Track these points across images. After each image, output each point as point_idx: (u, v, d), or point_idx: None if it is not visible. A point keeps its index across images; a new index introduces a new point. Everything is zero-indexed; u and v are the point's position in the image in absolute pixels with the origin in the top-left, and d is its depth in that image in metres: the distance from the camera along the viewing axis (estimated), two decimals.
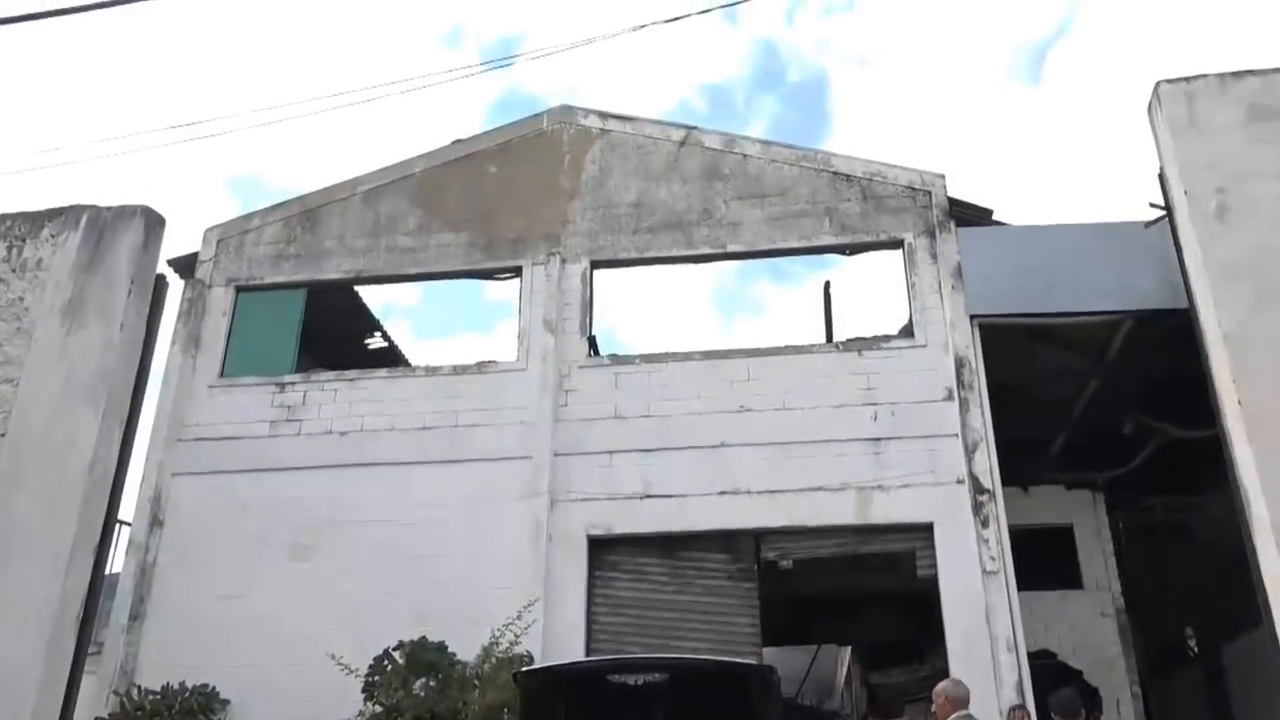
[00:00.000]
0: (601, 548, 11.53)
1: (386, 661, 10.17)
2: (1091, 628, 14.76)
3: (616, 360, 12.57)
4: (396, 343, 15.87)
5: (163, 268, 8.05)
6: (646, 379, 12.14)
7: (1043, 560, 14.15)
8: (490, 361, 12.70)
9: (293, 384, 12.70)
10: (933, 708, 7.30)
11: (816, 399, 11.71)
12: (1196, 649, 17.51)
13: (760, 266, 17.42)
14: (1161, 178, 7.56)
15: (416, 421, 12.21)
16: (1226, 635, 14.89)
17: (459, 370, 12.63)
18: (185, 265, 13.60)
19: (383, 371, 13.28)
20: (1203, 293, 6.37)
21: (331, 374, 12.95)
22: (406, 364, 15.08)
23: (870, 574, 12.30)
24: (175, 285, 13.02)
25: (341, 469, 12.02)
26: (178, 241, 21.66)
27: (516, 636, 10.17)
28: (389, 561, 11.45)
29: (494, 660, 9.97)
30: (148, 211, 7.48)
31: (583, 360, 12.40)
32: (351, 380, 12.74)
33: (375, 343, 15.76)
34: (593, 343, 12.79)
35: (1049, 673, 12.67)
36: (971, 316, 11.77)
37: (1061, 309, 11.83)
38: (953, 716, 6.94)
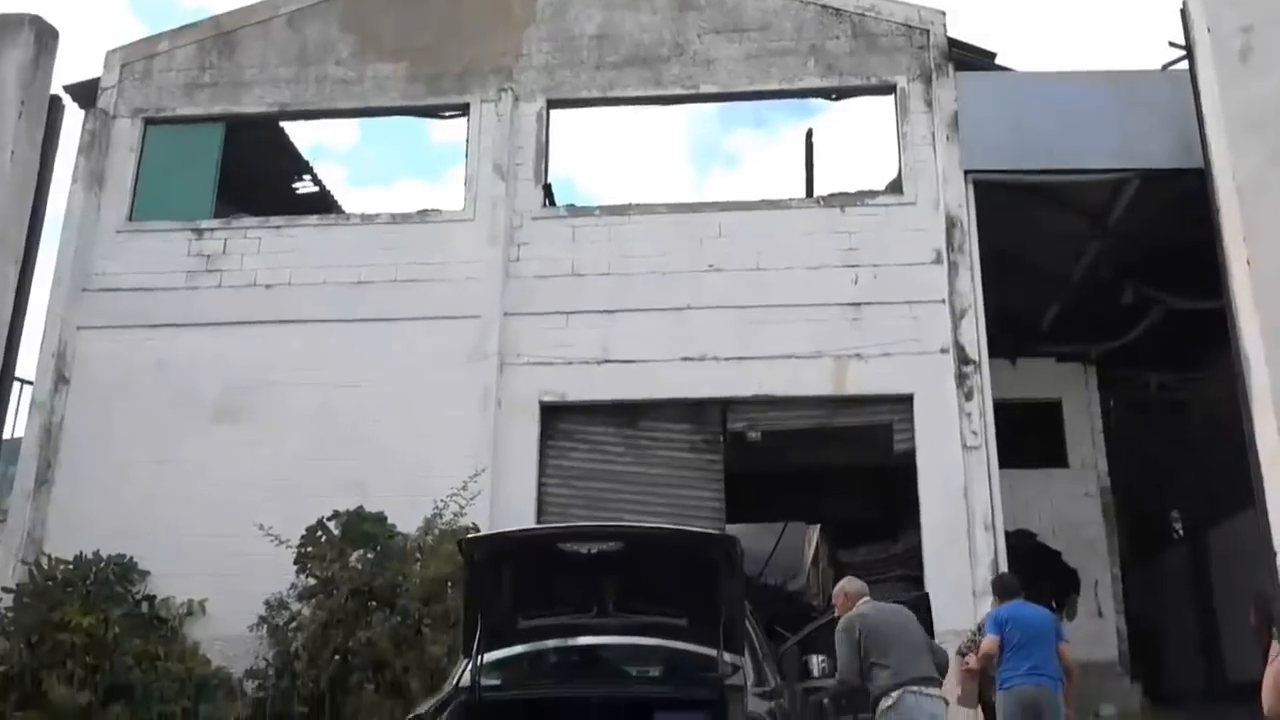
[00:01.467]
0: (554, 415, 11.63)
1: (320, 532, 10.32)
2: (1074, 508, 15.22)
3: (574, 212, 12.44)
4: (329, 188, 15.58)
5: (58, 92, 7.74)
6: (607, 233, 12.03)
7: (1027, 436, 14.48)
8: (433, 210, 12.51)
9: (211, 230, 12.46)
10: (835, 612, 7.50)
11: (793, 259, 11.69)
12: (1182, 532, 18.21)
13: (740, 112, 17.15)
14: (1184, 14, 7.45)
15: (351, 275, 12.07)
16: (1215, 518, 15.45)
17: (398, 219, 12.44)
18: (85, 93, 13.09)
19: (313, 219, 13.08)
20: (1218, 140, 6.33)
21: (255, 220, 12.75)
22: (340, 211, 14.83)
23: (844, 447, 12.52)
24: (74, 116, 12.57)
25: (268, 325, 11.91)
26: (74, 66, 20.87)
27: (461, 508, 10.33)
28: (322, 427, 11.48)
29: (437, 532, 10.15)
30: (37, 21, 7.12)
31: (537, 210, 12.23)
32: (278, 228, 12.53)
33: (304, 187, 15.47)
34: (548, 191, 12.61)
35: (1027, 553, 13.12)
36: (966, 172, 11.71)
37: (1064, 165, 11.79)
38: (858, 603, 7.26)
